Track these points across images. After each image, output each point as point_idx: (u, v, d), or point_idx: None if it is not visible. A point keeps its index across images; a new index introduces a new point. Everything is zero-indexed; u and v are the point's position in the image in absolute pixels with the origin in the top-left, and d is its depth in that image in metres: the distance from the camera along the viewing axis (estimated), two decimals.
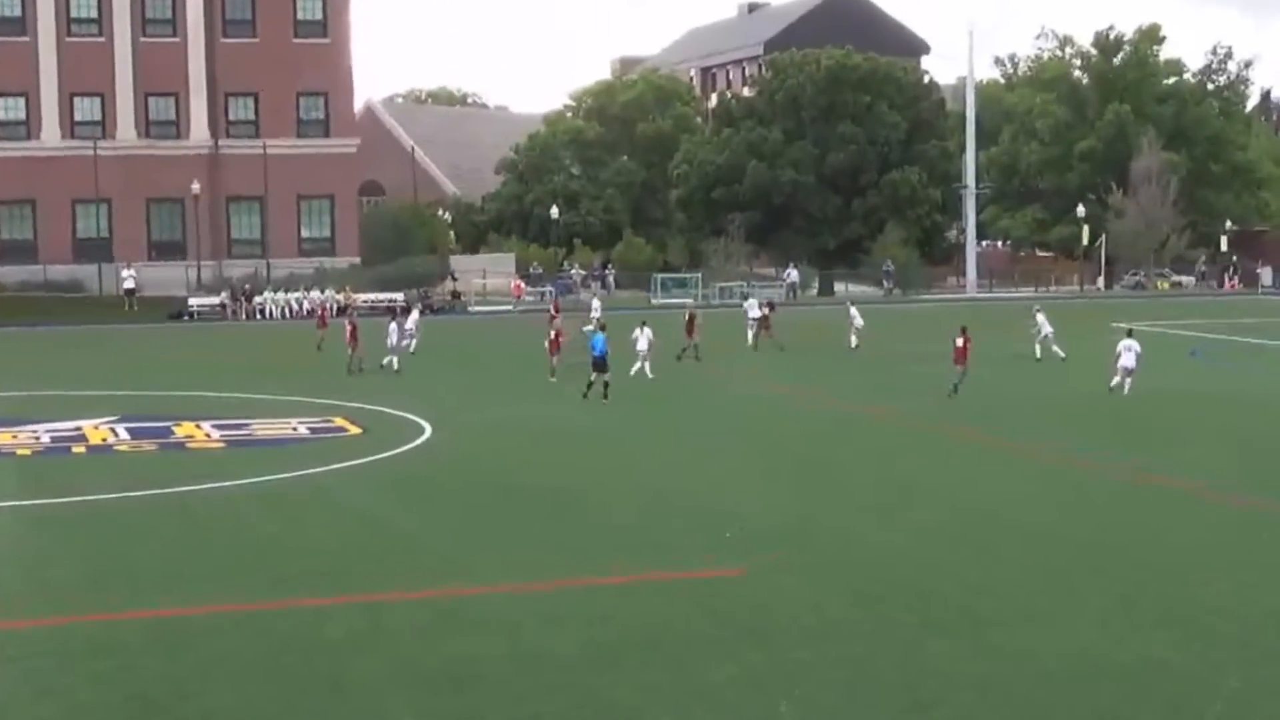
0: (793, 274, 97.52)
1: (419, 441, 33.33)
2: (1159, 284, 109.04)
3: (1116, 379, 41.22)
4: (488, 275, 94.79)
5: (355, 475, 29.05)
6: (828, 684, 15.92)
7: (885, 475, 28.63)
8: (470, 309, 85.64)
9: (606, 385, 40.24)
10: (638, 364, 45.02)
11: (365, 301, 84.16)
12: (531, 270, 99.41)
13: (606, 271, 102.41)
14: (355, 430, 35.53)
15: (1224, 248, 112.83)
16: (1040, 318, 50.56)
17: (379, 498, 26.67)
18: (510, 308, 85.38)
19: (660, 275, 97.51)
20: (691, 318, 53.39)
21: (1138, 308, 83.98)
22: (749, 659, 16.70)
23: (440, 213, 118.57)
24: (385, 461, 30.62)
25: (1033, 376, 46.70)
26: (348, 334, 50.27)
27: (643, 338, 45.24)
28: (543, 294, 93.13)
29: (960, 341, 41.48)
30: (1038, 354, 49.70)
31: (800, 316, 68.77)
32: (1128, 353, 41.24)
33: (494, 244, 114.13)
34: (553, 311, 59.67)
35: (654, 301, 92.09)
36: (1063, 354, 49.45)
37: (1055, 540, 22.45)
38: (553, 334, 45.99)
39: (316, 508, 25.81)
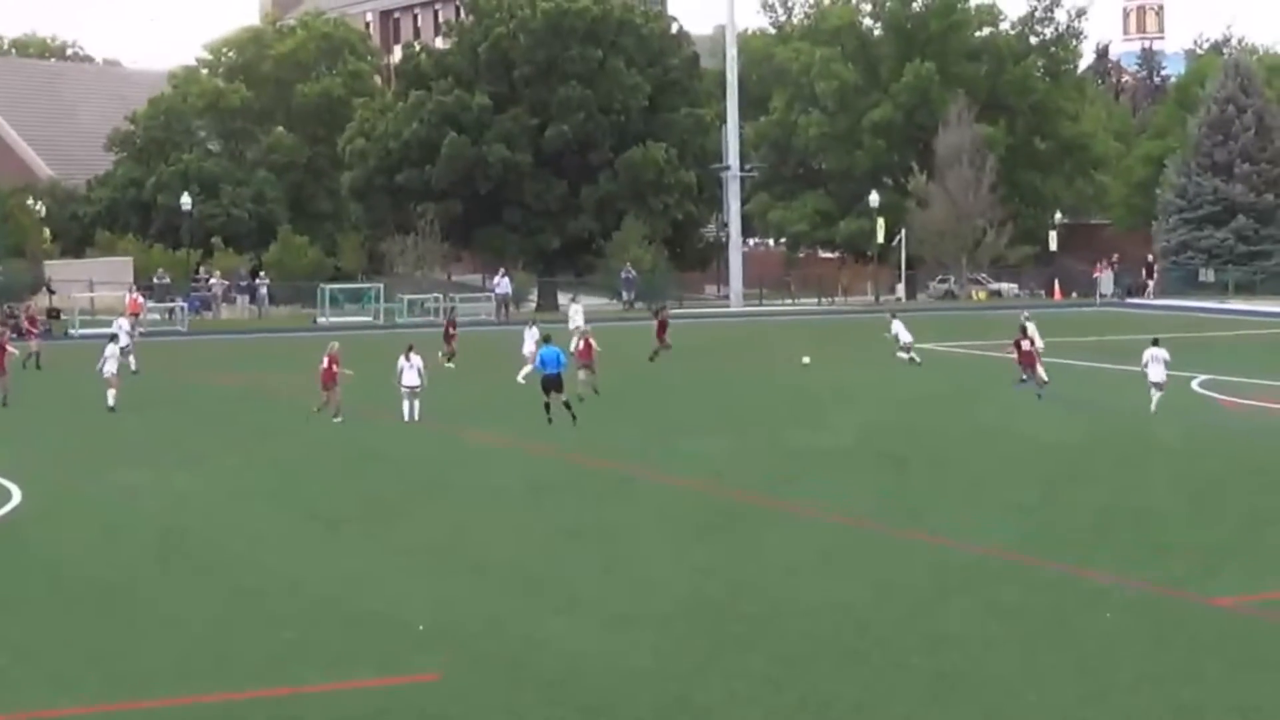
0: (504, 283, 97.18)
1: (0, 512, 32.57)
2: (974, 293, 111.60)
3: (1154, 398, 45.17)
4: (96, 287, 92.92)
5: None
6: None
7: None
8: (73, 331, 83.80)
9: (567, 405, 44.02)
10: (407, 404, 45.94)
11: None
12: (156, 280, 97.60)
13: (257, 281, 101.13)
14: None
15: (1053, 245, 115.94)
16: (1032, 328, 52.84)
17: None
18: (128, 329, 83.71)
19: (329, 286, 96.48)
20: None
21: (948, 322, 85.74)
22: None
23: (31, 203, 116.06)
24: None
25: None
26: None
27: (410, 369, 45.78)
28: (170, 311, 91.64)
29: (1025, 345, 49.82)
30: (1041, 374, 52.09)
31: (503, 338, 68.96)
32: (1155, 364, 45.27)
33: (105, 245, 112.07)
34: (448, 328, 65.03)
35: (321, 320, 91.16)
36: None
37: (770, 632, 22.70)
38: (326, 361, 46.53)
39: None
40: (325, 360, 46.74)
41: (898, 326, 62.05)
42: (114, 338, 52.35)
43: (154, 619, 23.81)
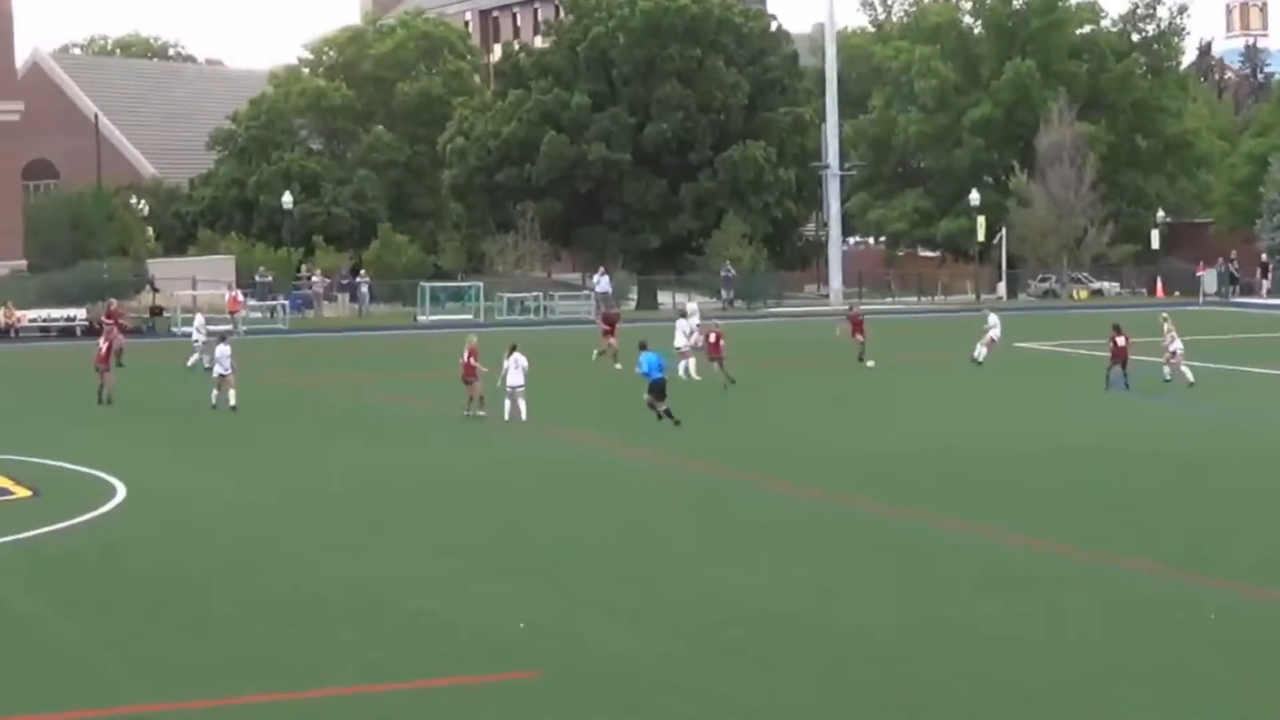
0: (603, 281, 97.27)
1: (104, 509, 32.39)
2: (1076, 292, 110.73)
3: None
4: (199, 285, 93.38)
5: (9, 555, 28.08)
6: None
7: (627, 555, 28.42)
8: (175, 329, 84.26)
9: (669, 413, 43.54)
10: (509, 403, 45.26)
11: (34, 321, 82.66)
12: (258, 278, 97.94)
13: (358, 279, 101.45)
14: (21, 493, 34.58)
15: (1155, 244, 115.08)
16: (1168, 327, 53.01)
17: (33, 587, 25.73)
18: (231, 328, 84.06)
19: (429, 284, 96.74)
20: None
21: (1050, 321, 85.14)
22: None
23: (134, 202, 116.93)
24: (53, 537, 29.69)
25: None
26: (102, 351, 51.74)
27: (515, 369, 45.22)
28: (272, 309, 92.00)
29: (1121, 340, 50.94)
30: (1167, 374, 52.44)
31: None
32: None
33: (207, 243, 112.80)
34: (603, 325, 63.59)
35: (421, 319, 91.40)
36: (1192, 378, 51.90)
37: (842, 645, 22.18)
38: (466, 354, 46.17)
39: None
40: (465, 354, 46.37)
41: (994, 321, 62.15)
42: (223, 337, 52.24)
43: (256, 617, 23.64)
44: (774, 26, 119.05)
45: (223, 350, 49.63)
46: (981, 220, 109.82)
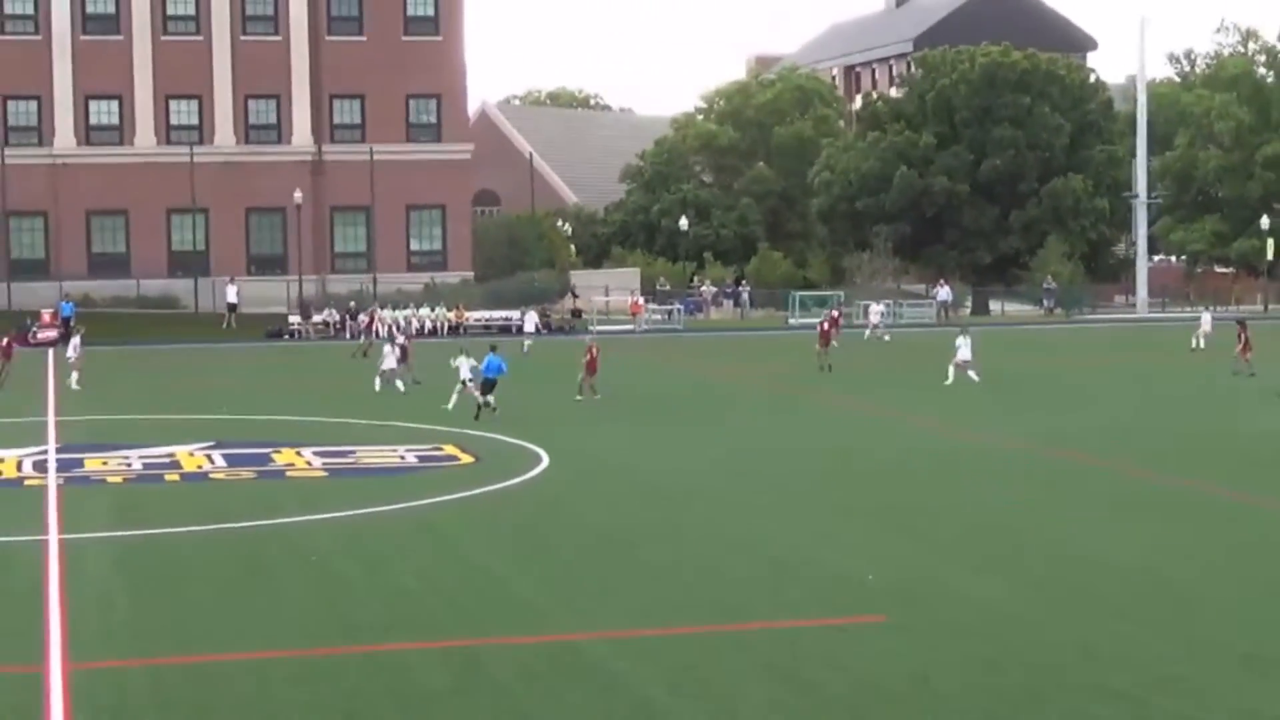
0: (944, 291, 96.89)
1: (534, 473, 33.10)
2: None
3: None
4: (610, 292, 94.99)
5: (460, 509, 28.88)
6: None
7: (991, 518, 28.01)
8: (592, 328, 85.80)
9: (481, 407, 41.91)
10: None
11: (479, 320, 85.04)
12: (658, 287, 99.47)
13: (740, 288, 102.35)
14: (467, 459, 35.40)
15: None
16: None
17: (480, 535, 26.39)
18: (632, 328, 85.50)
19: (799, 293, 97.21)
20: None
21: None
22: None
23: (559, 224, 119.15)
24: (494, 495, 30.43)
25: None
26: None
27: (464, 365, 44.13)
28: (669, 312, 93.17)
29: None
30: None
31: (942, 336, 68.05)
32: None
33: (617, 258, 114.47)
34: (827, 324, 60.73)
35: (791, 321, 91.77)
36: None
37: (1195, 600, 21.64)
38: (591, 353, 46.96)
39: (412, 545, 25.58)
40: (590, 353, 47.69)
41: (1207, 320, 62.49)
42: (391, 339, 54.49)
43: (654, 563, 24.00)
44: (1092, 78, 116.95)
45: (388, 349, 51.42)
46: (1270, 242, 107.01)
